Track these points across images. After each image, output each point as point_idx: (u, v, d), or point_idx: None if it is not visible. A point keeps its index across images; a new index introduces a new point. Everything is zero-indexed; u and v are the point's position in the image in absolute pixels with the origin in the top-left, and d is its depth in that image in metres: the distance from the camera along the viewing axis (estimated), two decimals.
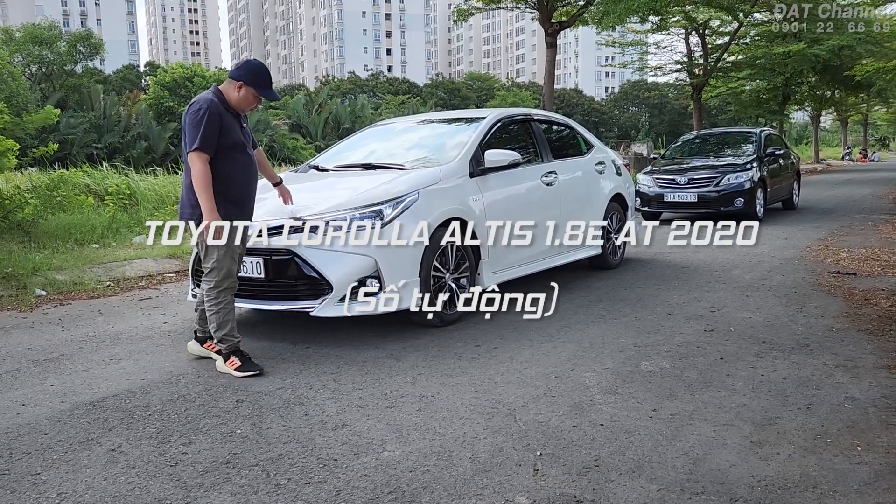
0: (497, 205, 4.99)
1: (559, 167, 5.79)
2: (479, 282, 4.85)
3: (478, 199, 4.80)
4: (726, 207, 10.18)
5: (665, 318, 4.70)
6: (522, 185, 5.32)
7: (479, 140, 5.08)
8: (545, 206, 5.54)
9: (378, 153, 5.44)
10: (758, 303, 5.14)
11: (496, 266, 4.98)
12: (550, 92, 16.03)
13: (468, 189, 4.78)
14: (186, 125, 3.56)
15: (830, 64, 23.60)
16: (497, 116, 5.44)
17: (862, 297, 5.21)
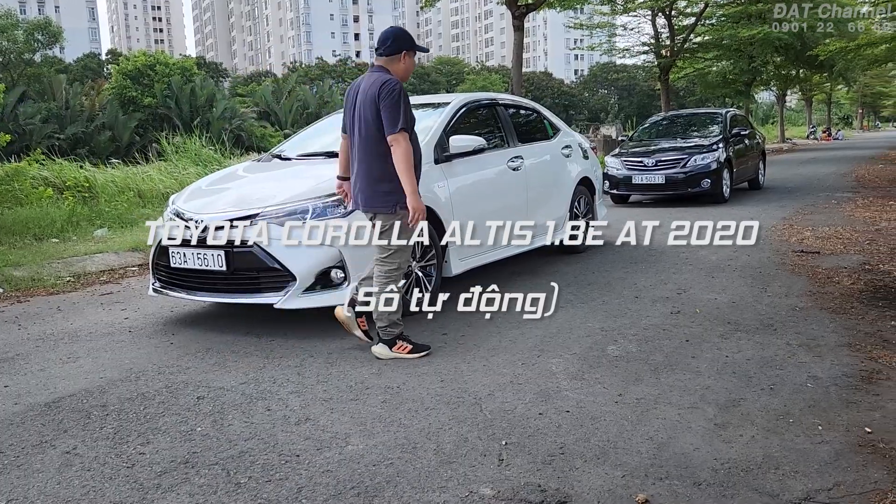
0: (463, 191, 4.94)
1: (526, 152, 5.76)
2: (446, 270, 4.81)
3: (443, 186, 4.75)
4: (693, 189, 10.26)
5: (632, 302, 4.71)
6: (489, 171, 5.28)
7: (444, 126, 5.01)
8: (512, 191, 5.51)
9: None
10: (723, 283, 5.18)
11: (464, 252, 4.95)
12: (519, 75, 15.96)
13: (433, 176, 4.73)
14: (382, 107, 3.46)
15: (793, 45, 23.87)
16: (462, 101, 5.38)
17: (825, 276, 5.28)
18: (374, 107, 3.50)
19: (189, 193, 4.78)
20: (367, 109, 3.53)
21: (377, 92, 3.48)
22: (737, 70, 27.03)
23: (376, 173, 3.58)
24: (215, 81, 75.95)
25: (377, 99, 3.48)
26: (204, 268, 4.15)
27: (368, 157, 3.59)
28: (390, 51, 3.61)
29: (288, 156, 5.30)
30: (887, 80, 61.72)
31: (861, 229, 7.48)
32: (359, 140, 3.62)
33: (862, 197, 10.62)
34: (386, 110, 3.47)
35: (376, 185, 3.59)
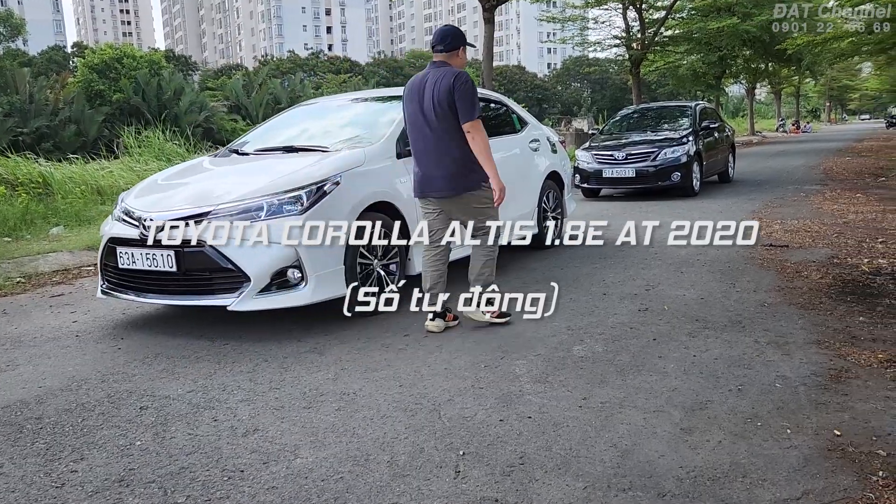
0: None
1: (493, 146, 5.61)
2: (409, 268, 4.66)
3: (406, 182, 4.60)
4: (663, 182, 10.23)
5: (600, 299, 4.61)
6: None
7: None
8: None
9: (302, 135, 5.17)
10: (692, 279, 5.10)
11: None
12: (490, 69, 15.83)
13: (396, 171, 4.58)
14: (448, 96, 3.76)
15: (762, 38, 24.07)
16: None
17: (794, 270, 5.23)
18: (450, 97, 3.77)
19: (139, 190, 4.57)
20: (443, 100, 3.79)
21: (451, 83, 3.77)
22: (706, 63, 27.19)
23: (458, 157, 3.87)
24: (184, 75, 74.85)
25: (451, 89, 3.76)
26: (153, 269, 3.96)
27: (447, 143, 3.86)
28: (450, 47, 3.92)
29: (246, 151, 5.11)
30: (853, 74, 62.82)
31: (829, 222, 7.48)
32: (433, 130, 3.87)
33: (830, 189, 10.68)
34: (462, 100, 3.76)
35: (461, 168, 3.88)
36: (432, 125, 3.87)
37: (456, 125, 3.82)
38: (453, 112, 3.79)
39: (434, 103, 3.82)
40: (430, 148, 3.92)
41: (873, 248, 6.01)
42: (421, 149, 3.98)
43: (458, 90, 3.76)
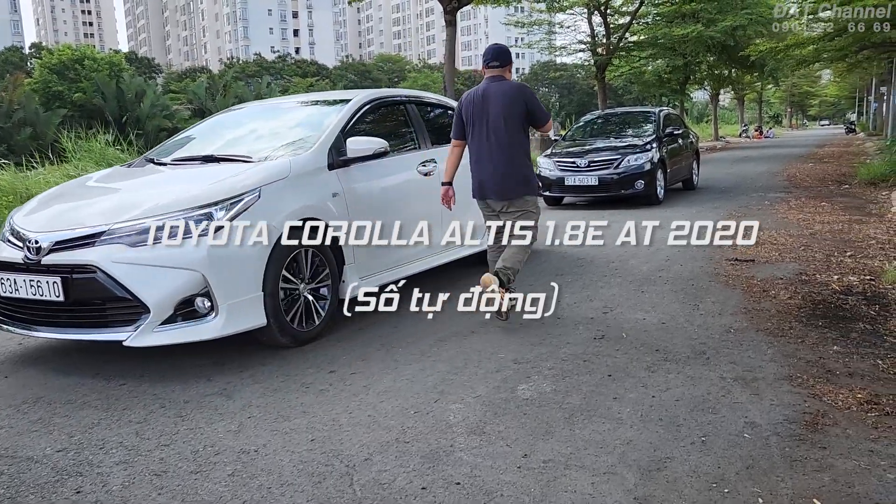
0: (364, 200, 4.35)
1: (439, 154, 5.19)
2: (343, 290, 4.20)
3: (339, 195, 4.14)
4: (627, 190, 9.91)
5: (553, 324, 4.20)
6: (394, 177, 4.70)
7: (342, 126, 4.40)
8: (423, 198, 4.94)
9: (226, 143, 4.69)
10: (653, 299, 4.72)
11: (365, 270, 4.35)
12: (451, 72, 15.46)
13: (327, 183, 4.12)
14: (524, 107, 4.16)
15: (726, 44, 24.11)
16: (364, 99, 4.77)
17: (760, 289, 4.89)
18: (521, 106, 4.14)
19: (31, 207, 4.03)
20: (512, 110, 4.14)
21: (523, 94, 4.19)
22: (671, 68, 27.18)
23: (520, 164, 4.23)
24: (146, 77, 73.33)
25: (525, 100, 4.16)
26: (38, 297, 3.43)
27: (512, 151, 4.19)
28: (505, 62, 4.29)
29: (163, 160, 4.59)
30: (813, 81, 64.01)
31: (795, 233, 7.20)
32: (498, 138, 4.17)
33: (794, 198, 10.47)
34: (535, 108, 4.22)
35: (519, 172, 4.22)
36: (499, 133, 4.17)
37: (520, 132, 4.21)
38: (521, 119, 4.18)
39: (505, 112, 4.13)
40: (495, 154, 4.20)
41: (842, 262, 5.71)
42: (485, 155, 4.24)
43: (530, 100, 4.19)
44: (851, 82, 52.96)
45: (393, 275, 4.61)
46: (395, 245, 4.59)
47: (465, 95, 4.36)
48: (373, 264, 4.42)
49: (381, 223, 4.44)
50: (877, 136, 31.40)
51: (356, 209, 4.24)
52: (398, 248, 4.63)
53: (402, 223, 4.63)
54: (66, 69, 63.99)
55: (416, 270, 4.86)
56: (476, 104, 4.25)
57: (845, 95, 66.36)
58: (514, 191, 4.23)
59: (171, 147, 4.90)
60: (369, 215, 4.35)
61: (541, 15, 25.48)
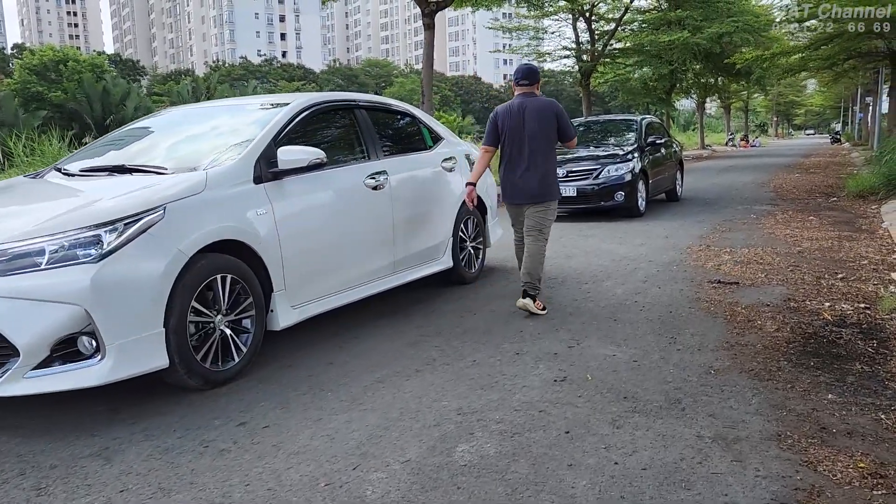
0: (298, 218, 3.83)
1: (393, 165, 4.69)
2: (272, 321, 3.68)
3: (266, 212, 3.62)
4: (606, 202, 9.44)
5: (510, 361, 3.69)
6: (337, 190, 4.17)
7: (274, 134, 3.88)
8: (372, 214, 4.43)
9: (144, 151, 4.15)
10: (626, 330, 4.22)
11: (299, 297, 3.83)
12: (429, 77, 14.93)
13: (252, 199, 3.59)
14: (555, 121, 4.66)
15: (712, 52, 23.82)
16: (305, 103, 4.25)
17: (745, 318, 4.40)
18: (553, 121, 4.65)
19: None
20: (547, 124, 4.64)
21: (555, 110, 4.68)
22: (657, 76, 26.87)
23: (551, 172, 4.73)
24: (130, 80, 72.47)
25: (556, 115, 4.66)
26: None
27: (545, 159, 4.67)
28: (535, 80, 4.77)
29: (70, 170, 4.04)
30: (799, 90, 64.20)
31: (783, 251, 6.75)
32: (533, 149, 4.64)
33: (781, 211, 10.05)
34: (565, 124, 4.71)
35: (549, 179, 4.71)
36: (534, 143, 4.64)
37: (552, 143, 4.72)
38: (553, 132, 4.68)
39: (540, 125, 4.63)
40: (530, 162, 4.67)
41: (833, 286, 5.25)
42: (520, 162, 4.70)
43: (561, 116, 4.69)
44: (836, 92, 53.06)
45: (334, 301, 4.09)
46: (338, 267, 4.08)
47: (501, 108, 4.82)
48: (309, 290, 3.89)
49: (320, 243, 3.94)
50: (862, 147, 31.25)
51: (288, 228, 3.72)
52: (344, 269, 4.12)
53: (346, 243, 4.13)
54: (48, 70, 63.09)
55: (364, 295, 4.34)
56: (513, 116, 4.71)
57: (830, 105, 66.58)
58: (543, 196, 4.72)
59: (85, 154, 4.35)
60: (304, 235, 3.84)
61: (525, 20, 25.12)
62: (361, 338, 4.19)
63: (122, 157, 4.01)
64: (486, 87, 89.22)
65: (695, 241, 7.50)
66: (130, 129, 4.67)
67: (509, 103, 4.80)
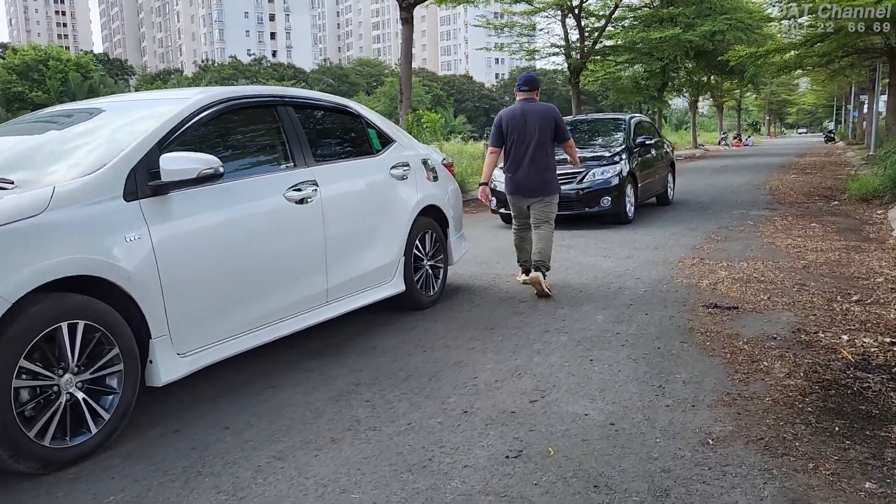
0: (188, 241, 3.04)
1: (326, 174, 3.90)
2: (150, 376, 2.89)
3: (140, 237, 2.83)
4: (591, 208, 8.68)
5: (454, 425, 2.91)
6: (247, 205, 3.38)
7: (160, 137, 3.08)
8: (296, 233, 3.64)
9: (6, 156, 3.33)
10: (604, 376, 3.45)
11: (191, 343, 3.04)
12: (408, 74, 14.16)
13: (119, 220, 2.80)
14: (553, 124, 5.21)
15: (704, 49, 23.11)
16: (207, 99, 3.43)
17: (747, 357, 3.64)
18: (552, 123, 5.19)
19: None
20: (545, 126, 5.16)
21: (554, 115, 5.22)
22: (648, 73, 26.15)
23: (551, 169, 5.26)
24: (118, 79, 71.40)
25: (555, 119, 5.21)
26: None
27: (545, 158, 5.20)
28: (535, 88, 5.32)
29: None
30: (791, 89, 63.75)
31: (786, 265, 6.00)
32: (534, 149, 5.15)
33: (780, 216, 9.31)
34: (561, 126, 5.26)
35: (550, 176, 5.24)
36: (535, 143, 5.14)
37: (551, 144, 5.24)
38: (552, 134, 5.20)
39: (541, 127, 5.14)
40: (532, 160, 5.16)
41: (849, 311, 4.50)
42: (524, 161, 5.19)
43: (558, 119, 5.22)
44: (829, 91, 52.58)
45: (242, 343, 3.30)
46: (246, 301, 3.30)
47: (505, 112, 5.33)
48: (205, 332, 3.10)
49: (220, 273, 3.15)
50: (857, 146, 30.62)
51: (173, 255, 2.93)
52: (251, 304, 3.33)
53: (258, 270, 3.35)
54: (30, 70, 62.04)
55: (285, 332, 3.55)
56: (516, 119, 5.22)
57: (823, 104, 66.17)
58: (544, 190, 5.24)
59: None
60: (197, 263, 3.05)
61: (514, 17, 24.37)
62: (279, 387, 3.40)
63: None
64: (478, 86, 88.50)
65: (687, 253, 6.75)
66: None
67: (512, 108, 5.31)
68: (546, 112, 5.18)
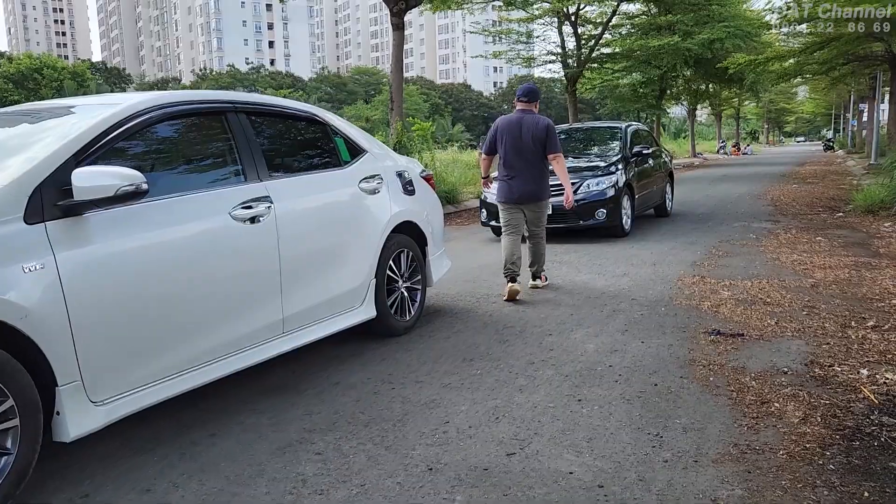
0: (107, 270, 2.61)
1: (282, 189, 3.48)
2: (58, 430, 2.46)
3: (44, 267, 2.40)
4: (586, 221, 8.25)
5: (415, 486, 2.48)
6: (184, 226, 2.96)
7: (77, 149, 2.65)
8: (244, 256, 3.22)
9: None
10: (593, 421, 3.02)
11: (109, 389, 2.61)
12: (399, 81, 13.75)
13: (14, 247, 2.37)
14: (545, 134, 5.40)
15: (703, 57, 22.79)
16: (141, 105, 3.01)
17: (756, 397, 3.21)
18: (544, 133, 5.41)
19: None
20: (538, 136, 5.41)
21: (546, 125, 5.45)
22: (646, 81, 25.81)
23: (544, 177, 5.57)
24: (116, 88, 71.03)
25: (546, 130, 5.42)
26: None
27: (538, 167, 5.49)
28: (533, 99, 5.56)
29: None
30: (790, 98, 63.53)
31: (793, 284, 5.58)
32: (526, 157, 5.45)
33: (783, 229, 8.89)
34: (552, 138, 5.45)
35: (544, 184, 5.59)
36: (527, 152, 5.41)
37: (543, 153, 5.44)
38: (544, 144, 5.41)
39: (532, 137, 5.39)
40: (525, 168, 5.44)
41: (865, 340, 4.07)
42: (517, 168, 5.46)
43: (550, 131, 5.44)
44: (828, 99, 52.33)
45: (175, 385, 2.86)
46: (181, 337, 2.87)
47: (502, 120, 5.59)
48: (127, 376, 2.67)
49: (147, 305, 2.73)
50: (858, 154, 30.26)
51: (86, 287, 2.50)
52: (187, 341, 2.90)
53: (195, 299, 2.92)
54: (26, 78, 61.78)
55: (231, 370, 3.12)
56: (512, 128, 5.46)
57: (821, 112, 65.93)
58: (538, 197, 5.55)
59: None
60: (117, 295, 2.63)
61: (510, 24, 24.06)
62: (220, 434, 2.97)
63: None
64: (477, 94, 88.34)
65: (687, 270, 6.32)
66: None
67: (510, 116, 5.55)
68: (540, 123, 5.45)
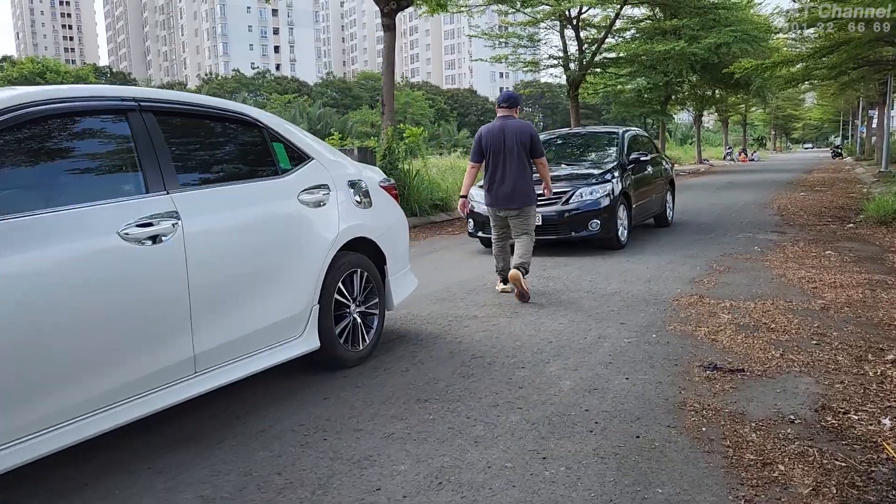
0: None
1: (193, 203, 2.94)
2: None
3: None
4: (578, 232, 7.70)
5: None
6: (54, 251, 2.43)
7: None
8: (141, 283, 2.68)
9: None
10: (556, 491, 2.46)
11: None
12: (391, 83, 13.25)
13: None
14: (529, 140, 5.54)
15: (709, 62, 22.24)
16: (17, 99, 2.48)
17: (757, 457, 2.66)
18: (527, 138, 5.52)
19: None
20: (522, 142, 5.51)
21: (530, 131, 5.57)
22: (651, 86, 25.26)
23: (529, 182, 5.58)
24: None
25: (531, 136, 5.54)
26: None
27: (523, 172, 5.53)
28: (514, 105, 5.66)
29: None
30: (797, 104, 62.83)
31: (800, 306, 5.02)
32: (512, 163, 5.51)
33: (790, 241, 8.32)
34: (537, 143, 5.59)
35: (530, 189, 5.58)
36: (512, 159, 5.52)
37: (526, 158, 5.56)
38: (528, 149, 5.55)
39: (517, 143, 5.51)
40: (510, 174, 5.52)
41: (885, 377, 3.51)
42: (502, 175, 5.55)
43: (534, 135, 5.58)
44: (836, 105, 51.64)
45: (42, 445, 2.33)
46: (55, 384, 2.34)
47: (484, 128, 5.66)
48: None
49: (4, 346, 2.19)
50: (867, 162, 29.61)
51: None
52: (60, 389, 2.37)
53: (70, 338, 2.39)
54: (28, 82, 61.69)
55: (115, 424, 2.59)
56: (494, 135, 5.56)
57: (829, 119, 65.22)
58: (523, 202, 5.56)
59: None
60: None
61: (512, 28, 23.58)
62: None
63: None
64: (482, 100, 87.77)
65: (684, 289, 5.77)
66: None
67: (491, 125, 5.66)
68: (523, 128, 5.54)
